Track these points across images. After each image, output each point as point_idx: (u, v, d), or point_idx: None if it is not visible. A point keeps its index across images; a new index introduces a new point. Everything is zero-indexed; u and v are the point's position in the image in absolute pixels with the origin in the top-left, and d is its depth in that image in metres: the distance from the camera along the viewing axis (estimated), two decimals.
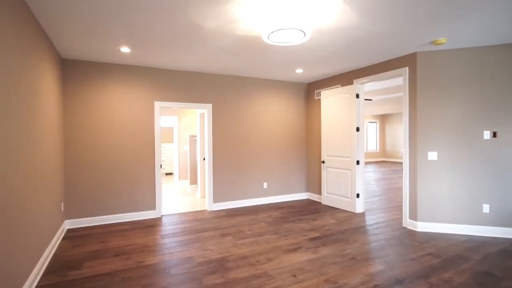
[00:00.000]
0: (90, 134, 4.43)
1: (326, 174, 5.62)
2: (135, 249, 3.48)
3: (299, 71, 5.17)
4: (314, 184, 6.12)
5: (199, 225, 4.41)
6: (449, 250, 3.37)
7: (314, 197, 6.13)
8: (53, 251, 3.42)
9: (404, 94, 4.23)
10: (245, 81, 5.61)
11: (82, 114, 4.38)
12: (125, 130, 4.65)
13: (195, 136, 7.39)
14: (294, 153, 6.17)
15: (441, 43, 3.62)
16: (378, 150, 16.13)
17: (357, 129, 5.03)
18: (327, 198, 5.62)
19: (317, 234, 3.93)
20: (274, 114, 5.93)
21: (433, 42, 3.65)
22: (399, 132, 15.35)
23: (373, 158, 15.97)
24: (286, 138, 6.07)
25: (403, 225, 4.27)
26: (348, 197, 5.17)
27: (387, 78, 4.54)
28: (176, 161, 8.27)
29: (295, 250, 3.41)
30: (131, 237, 3.91)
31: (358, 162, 5.02)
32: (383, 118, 16.26)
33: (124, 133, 4.64)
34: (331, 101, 5.48)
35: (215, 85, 5.34)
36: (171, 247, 3.53)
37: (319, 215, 4.88)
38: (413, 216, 4.14)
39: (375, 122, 16.10)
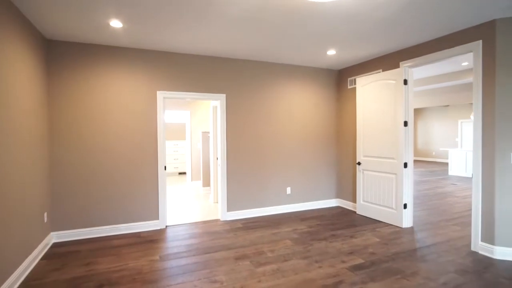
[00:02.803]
0: (80, 132, 3.70)
1: (363, 178, 4.65)
2: (124, 277, 2.70)
3: (331, 52, 4.22)
4: (347, 189, 5.17)
5: (209, 241, 3.59)
6: None
7: (346, 205, 5.17)
8: (24, 276, 2.70)
9: (476, 78, 3.20)
10: (265, 67, 4.72)
11: (70, 108, 3.65)
12: (122, 125, 3.89)
13: (208, 132, 6.60)
14: (323, 152, 5.23)
15: None
16: None
17: (405, 124, 4.03)
18: (363, 207, 4.65)
19: (360, 260, 3.00)
20: (299, 107, 5.01)
21: None
22: (433, 129, 13.94)
23: None
24: (313, 135, 5.15)
25: (473, 248, 3.26)
26: (392, 208, 4.19)
27: (448, 57, 3.52)
28: (188, 160, 7.53)
29: (334, 286, 2.51)
30: (124, 257, 3.15)
31: (406, 165, 4.03)
32: (415, 113, 14.87)
33: (121, 130, 3.89)
34: (370, 90, 4.50)
35: (229, 72, 4.49)
36: (170, 276, 2.73)
37: (356, 230, 3.94)
38: (488, 238, 3.13)
39: None
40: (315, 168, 5.16)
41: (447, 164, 12.63)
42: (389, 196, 4.23)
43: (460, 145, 12.55)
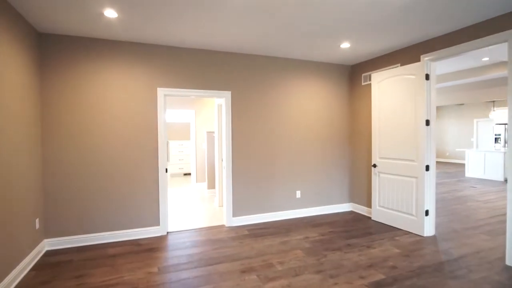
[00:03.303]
0: (75, 131, 3.45)
1: (379, 181, 4.31)
2: None
3: (345, 45, 3.89)
4: (361, 193, 4.82)
5: (213, 251, 3.30)
6: None
7: (360, 209, 4.83)
8: None
9: (511, 70, 2.84)
10: (273, 63, 4.42)
11: (64, 105, 3.41)
12: (121, 124, 3.63)
13: (213, 132, 6.32)
14: (335, 154, 4.90)
15: None
16: None
17: (427, 123, 3.68)
18: (379, 213, 4.31)
19: (381, 276, 2.68)
20: (309, 105, 4.69)
21: None
22: (447, 128, 13.43)
23: None
24: (325, 135, 4.82)
25: (508, 262, 2.90)
26: (412, 214, 3.84)
27: (477, 48, 3.16)
28: (193, 161, 7.27)
29: None
30: (119, 268, 2.88)
31: (427, 168, 3.68)
32: None
33: (120, 129, 3.63)
34: (387, 86, 4.15)
35: (235, 68, 4.19)
36: None
37: (373, 239, 3.61)
38: None
39: None
40: (327, 170, 4.83)
41: (462, 165, 12.12)
42: (408, 202, 3.88)
43: (475, 145, 12.03)
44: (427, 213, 3.70)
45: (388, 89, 4.13)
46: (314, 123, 4.72)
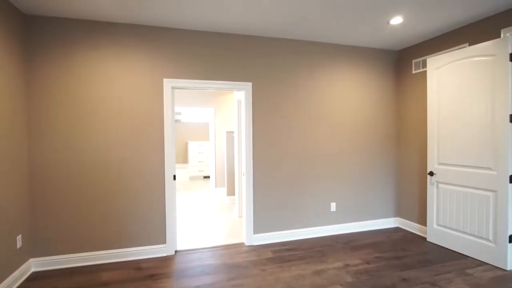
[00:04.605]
0: (66, 130, 2.91)
1: (437, 194, 3.42)
2: None
3: (396, 20, 3.05)
4: (411, 206, 3.94)
5: (228, 282, 2.61)
6: None
7: (409, 226, 3.94)
8: None
9: None
10: (302, 49, 3.66)
11: (54, 98, 2.87)
12: (119, 124, 3.05)
13: (233, 132, 5.66)
14: (377, 157, 4.05)
15: None
16: None
17: (511, 119, 2.76)
18: (438, 233, 3.42)
19: None
20: (346, 99, 3.88)
21: None
22: None
23: None
24: (365, 135, 3.98)
25: None
26: (487, 240, 2.93)
27: None
28: (212, 164, 6.66)
29: None
30: None
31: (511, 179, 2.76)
32: None
33: (119, 127, 3.05)
34: (449, 73, 3.26)
35: (256, 55, 3.49)
36: None
37: (437, 271, 2.74)
38: None
39: None
40: (367, 178, 3.99)
41: None
42: (481, 223, 2.97)
43: None
44: (511, 239, 2.77)
45: (451, 77, 3.23)
46: (352, 121, 3.91)
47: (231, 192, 5.75)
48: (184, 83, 3.23)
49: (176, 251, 3.30)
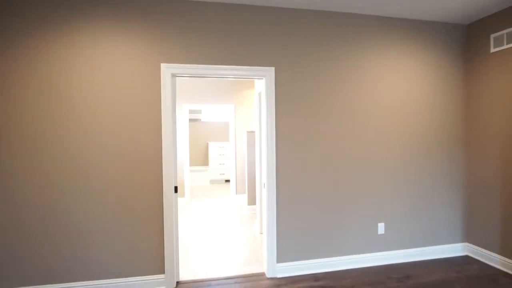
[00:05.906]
0: (38, 132, 2.31)
1: None
2: None
3: None
4: (488, 231, 2.95)
5: None
6: None
7: (485, 257, 2.96)
8: None
9: None
10: (339, 23, 2.82)
11: (20, 90, 2.28)
12: (105, 120, 2.41)
13: (254, 132, 4.91)
14: (438, 165, 3.10)
15: None
16: None
17: None
18: None
19: None
20: (397, 91, 2.98)
21: None
22: None
23: None
24: (422, 137, 3.05)
25: None
26: None
27: None
28: (232, 167, 5.95)
29: None
30: None
31: None
32: None
33: (103, 127, 2.40)
34: None
35: (280, 32, 2.70)
36: None
37: None
38: None
39: None
40: (425, 193, 3.06)
41: None
42: None
43: None
44: None
45: None
46: (404, 120, 3.00)
47: (252, 201, 5.01)
48: (187, 68, 2.51)
49: (177, 283, 2.61)
